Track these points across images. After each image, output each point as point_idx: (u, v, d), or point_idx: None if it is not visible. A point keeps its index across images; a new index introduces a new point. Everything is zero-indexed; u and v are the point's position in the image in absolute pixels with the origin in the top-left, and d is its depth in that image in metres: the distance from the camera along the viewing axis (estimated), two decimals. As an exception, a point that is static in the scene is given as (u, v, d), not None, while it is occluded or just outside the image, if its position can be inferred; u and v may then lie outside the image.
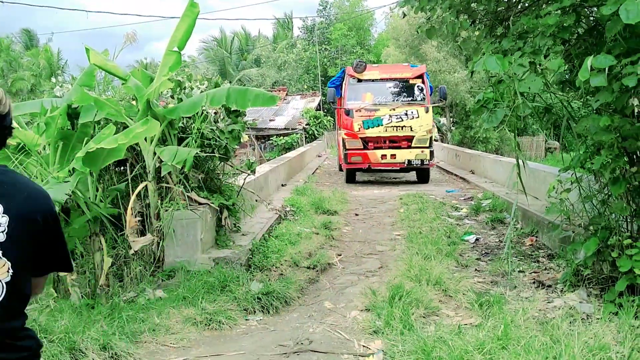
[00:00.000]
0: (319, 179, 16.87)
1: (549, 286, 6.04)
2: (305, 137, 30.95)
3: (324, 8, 49.96)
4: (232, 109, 6.64)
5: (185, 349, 4.76)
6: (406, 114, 14.20)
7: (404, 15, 6.56)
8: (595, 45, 5.47)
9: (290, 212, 9.85)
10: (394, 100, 14.66)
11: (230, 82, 43.14)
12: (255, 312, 5.61)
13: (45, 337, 4.40)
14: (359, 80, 14.87)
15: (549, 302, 5.57)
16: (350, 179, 15.54)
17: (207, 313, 5.27)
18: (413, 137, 14.27)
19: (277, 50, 48.57)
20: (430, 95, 15.24)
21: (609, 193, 5.45)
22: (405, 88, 14.88)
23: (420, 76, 14.95)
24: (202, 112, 6.45)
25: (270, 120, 32.51)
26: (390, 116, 14.23)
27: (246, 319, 5.46)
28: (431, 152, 14.49)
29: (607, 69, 4.33)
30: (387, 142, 14.37)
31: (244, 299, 5.66)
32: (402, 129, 14.21)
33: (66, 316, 4.89)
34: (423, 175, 15.13)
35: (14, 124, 1.92)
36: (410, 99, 14.70)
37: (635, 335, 4.43)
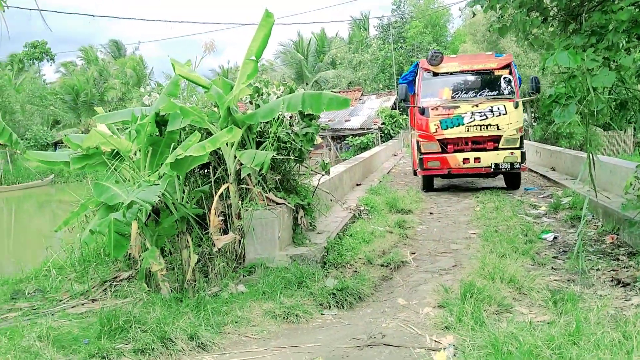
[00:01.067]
0: (394, 178, 16.94)
1: (628, 284, 5.93)
2: (381, 136, 31.02)
3: (398, 7, 49.72)
4: (306, 113, 6.93)
5: (265, 340, 5.07)
6: (491, 111, 12.06)
7: (474, 14, 6.60)
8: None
9: (364, 211, 10.04)
10: (476, 96, 12.42)
11: (307, 84, 43.77)
12: (330, 307, 5.86)
13: (139, 327, 4.85)
14: (435, 74, 12.74)
15: (626, 300, 5.50)
16: (428, 186, 13.53)
17: (285, 307, 5.58)
18: (500, 137, 12.15)
19: (352, 50, 48.82)
20: (519, 87, 13.10)
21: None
22: (490, 80, 12.59)
23: (507, 66, 12.64)
24: (279, 117, 6.78)
25: (346, 121, 32.80)
26: (472, 114, 12.14)
27: (322, 313, 5.72)
28: (522, 154, 12.17)
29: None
30: (470, 143, 12.28)
31: (319, 294, 5.92)
32: (487, 128, 12.10)
33: (157, 308, 5.35)
34: (513, 181, 12.99)
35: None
36: (495, 93, 12.42)
37: None
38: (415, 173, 14.95)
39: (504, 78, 12.56)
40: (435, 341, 4.80)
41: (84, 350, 4.59)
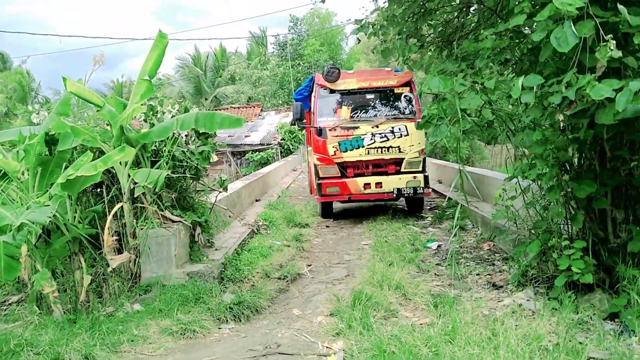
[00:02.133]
0: (292, 193, 17.29)
1: (501, 287, 6.54)
2: (281, 151, 31.41)
3: (295, 24, 50.71)
4: (201, 132, 7.07)
5: (162, 357, 5.13)
6: (392, 132, 11.16)
7: (359, 41, 7.08)
8: (534, 64, 6.02)
9: (263, 226, 10.26)
10: (376, 115, 11.48)
11: (206, 99, 43.31)
12: (227, 321, 6.02)
13: (31, 350, 4.78)
14: (332, 91, 11.66)
15: (499, 301, 6.06)
16: (327, 213, 12.43)
17: (182, 323, 5.66)
18: (402, 159, 11.31)
19: (251, 66, 49.09)
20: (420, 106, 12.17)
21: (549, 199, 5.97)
22: (391, 99, 11.71)
23: (408, 84, 11.77)
24: (173, 136, 6.87)
25: (246, 137, 32.92)
26: (372, 135, 11.16)
27: (219, 328, 5.86)
28: (425, 178, 11.42)
29: (534, 87, 4.85)
30: (371, 167, 11.37)
31: (216, 310, 6.06)
32: (388, 150, 11.19)
33: (50, 331, 5.27)
34: (415, 205, 12.29)
35: None
36: (396, 112, 11.55)
37: (570, 326, 4.96)
38: (311, 192, 13.98)
39: (405, 96, 11.69)
40: (327, 347, 5.10)
41: (-29, 378, 4.47)
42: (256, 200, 13.98)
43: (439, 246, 8.93)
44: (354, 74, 12.23)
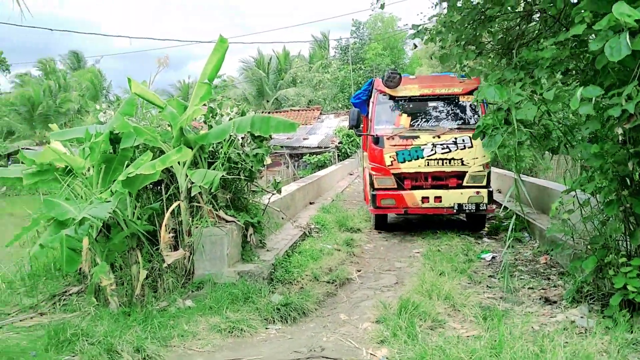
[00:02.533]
0: (347, 197, 17.32)
1: (555, 302, 6.36)
2: (338, 155, 31.50)
3: (357, 28, 50.77)
4: (257, 135, 7.22)
5: (209, 353, 5.29)
6: (455, 143, 10.30)
7: (415, 46, 7.06)
8: (595, 75, 5.85)
9: (315, 229, 10.35)
10: (438, 124, 10.64)
11: (267, 101, 43.97)
12: (274, 321, 6.12)
13: (86, 340, 5.02)
14: (392, 98, 10.90)
15: (551, 317, 5.91)
16: (380, 225, 11.78)
17: (231, 321, 5.80)
18: (465, 173, 10.36)
19: (312, 70, 49.48)
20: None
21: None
22: (455, 108, 10.89)
23: (474, 91, 10.08)
24: (230, 138, 7.04)
25: (304, 139, 33.20)
26: (434, 145, 10.31)
27: (266, 328, 5.96)
28: (489, 193, 10.40)
29: (593, 99, 4.72)
30: (430, 179, 10.50)
31: (264, 310, 6.18)
32: (449, 162, 10.32)
33: (105, 322, 5.52)
34: (477, 222, 11.28)
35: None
36: (460, 122, 10.68)
37: (622, 346, 4.79)
38: (365, 200, 12.91)
39: (470, 105, 10.79)
40: (371, 354, 5.11)
41: (32, 362, 4.73)
42: (310, 203, 14.10)
43: (493, 257, 8.76)
44: (415, 80, 11.38)
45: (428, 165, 10.43)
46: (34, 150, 6.75)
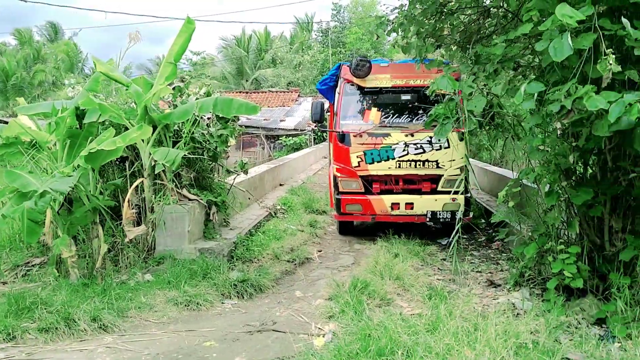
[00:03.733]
0: (318, 180, 17.54)
1: (499, 285, 6.71)
2: (314, 138, 31.67)
3: (338, 12, 50.66)
4: (221, 116, 7.40)
5: (164, 324, 5.51)
6: (430, 143, 9.09)
7: (377, 37, 7.28)
8: (543, 73, 6.13)
9: (281, 210, 10.58)
10: (412, 121, 9.30)
11: (247, 81, 43.62)
12: (231, 297, 6.36)
13: (45, 309, 5.22)
14: (360, 89, 9.52)
15: (494, 299, 6.25)
16: (345, 230, 10.26)
17: (188, 295, 6.04)
18: (440, 176, 9.16)
19: (292, 50, 49.37)
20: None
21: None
22: (432, 102, 8.80)
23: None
24: (195, 118, 7.21)
25: (281, 121, 33.26)
26: (406, 145, 9.06)
27: (222, 303, 6.21)
28: (467, 200, 9.17)
29: (535, 94, 4.99)
30: (401, 183, 9.30)
31: (222, 285, 6.42)
32: (423, 164, 9.14)
33: (64, 292, 5.72)
34: (451, 229, 8.68)
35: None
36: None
37: (554, 328, 5.13)
38: (330, 204, 10.89)
39: (450, 99, 8.34)
40: (319, 328, 5.38)
41: (-10, 327, 4.93)
42: (280, 185, 14.31)
43: (448, 242, 9.08)
44: (388, 68, 9.74)
45: (399, 167, 9.20)
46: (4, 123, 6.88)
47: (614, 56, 4.52)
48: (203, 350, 4.84)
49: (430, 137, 8.97)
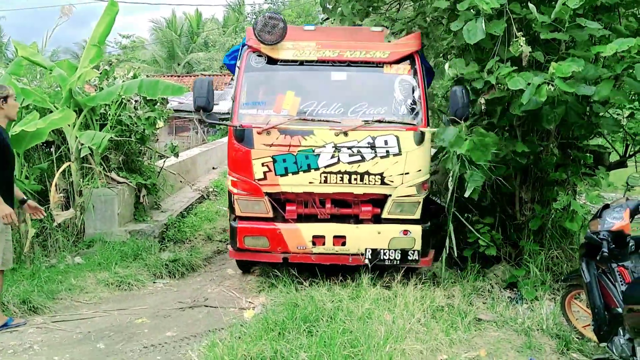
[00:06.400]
0: (252, 162, 17.63)
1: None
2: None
3: (271, -7, 50.28)
4: (149, 98, 7.43)
5: (96, 305, 5.59)
6: (373, 146, 5.83)
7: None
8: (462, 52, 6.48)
9: (213, 192, 10.68)
10: (346, 113, 5.98)
11: (178, 64, 42.63)
12: (163, 276, 6.50)
13: (-29, 294, 5.19)
14: (272, 61, 6.17)
15: (416, 271, 6.62)
16: (246, 269, 6.86)
17: (119, 276, 6.13)
18: (387, 197, 5.97)
19: (225, 34, 48.76)
20: (429, 100, 6.67)
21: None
22: (376, 85, 6.25)
23: (409, 59, 6.18)
24: (121, 101, 7.21)
25: (215, 105, 32.99)
26: (336, 148, 5.81)
27: (154, 282, 6.33)
28: (425, 234, 6.02)
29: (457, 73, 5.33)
30: (329, 206, 6.08)
31: (153, 266, 6.54)
32: (361, 178, 5.88)
33: (-9, 277, 5.66)
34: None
35: None
36: (383, 109, 6.00)
37: (468, 293, 5.56)
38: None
39: (402, 82, 6.11)
40: (249, 302, 5.61)
41: None
42: (213, 168, 14.35)
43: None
44: (314, 33, 6.45)
45: (326, 181, 5.86)
46: None
47: (524, 38, 4.93)
48: (135, 327, 4.97)
49: (374, 138, 5.76)
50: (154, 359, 4.35)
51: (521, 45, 4.92)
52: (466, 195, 5.50)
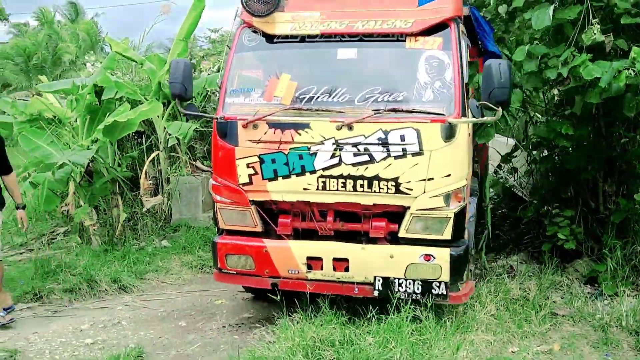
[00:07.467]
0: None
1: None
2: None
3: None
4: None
5: (180, 286, 5.94)
6: (384, 143, 4.35)
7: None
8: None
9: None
10: (353, 101, 4.49)
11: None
12: (242, 260, 6.75)
13: (68, 271, 5.69)
14: (267, 38, 4.82)
15: (494, 262, 6.52)
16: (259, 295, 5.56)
17: (202, 260, 6.47)
18: (405, 209, 4.43)
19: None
20: (470, 84, 5.01)
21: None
22: (393, 63, 4.77)
23: (442, 29, 4.51)
24: (207, 93, 7.56)
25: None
26: (337, 145, 4.40)
27: (234, 267, 6.60)
28: (456, 259, 4.39)
29: (539, 57, 5.17)
30: (330, 219, 4.60)
31: (234, 250, 6.80)
32: (370, 184, 4.39)
33: (87, 257, 6.18)
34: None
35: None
36: (401, 95, 4.46)
37: (545, 287, 5.42)
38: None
39: (430, 59, 4.53)
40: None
41: (20, 289, 5.42)
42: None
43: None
44: (317, 1, 4.87)
45: (324, 188, 4.51)
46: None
47: (598, 26, 4.73)
48: (214, 308, 5.26)
49: (386, 133, 4.37)
50: (231, 337, 4.60)
51: (594, 34, 4.72)
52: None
